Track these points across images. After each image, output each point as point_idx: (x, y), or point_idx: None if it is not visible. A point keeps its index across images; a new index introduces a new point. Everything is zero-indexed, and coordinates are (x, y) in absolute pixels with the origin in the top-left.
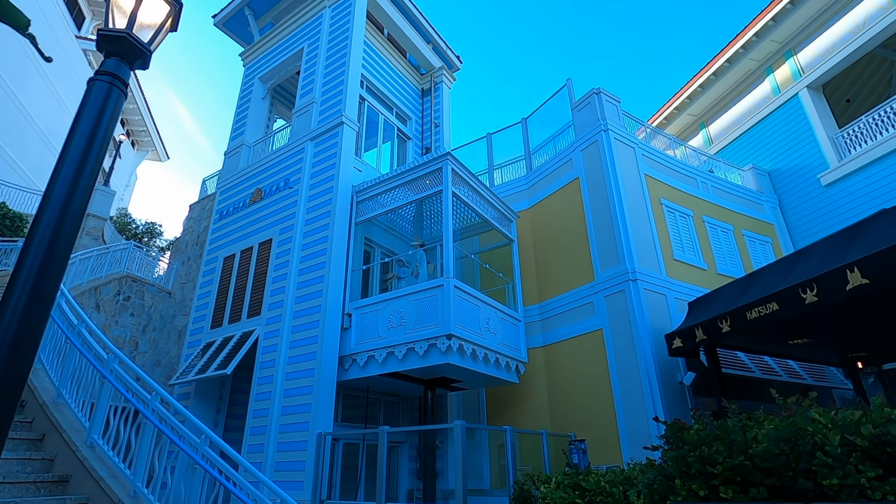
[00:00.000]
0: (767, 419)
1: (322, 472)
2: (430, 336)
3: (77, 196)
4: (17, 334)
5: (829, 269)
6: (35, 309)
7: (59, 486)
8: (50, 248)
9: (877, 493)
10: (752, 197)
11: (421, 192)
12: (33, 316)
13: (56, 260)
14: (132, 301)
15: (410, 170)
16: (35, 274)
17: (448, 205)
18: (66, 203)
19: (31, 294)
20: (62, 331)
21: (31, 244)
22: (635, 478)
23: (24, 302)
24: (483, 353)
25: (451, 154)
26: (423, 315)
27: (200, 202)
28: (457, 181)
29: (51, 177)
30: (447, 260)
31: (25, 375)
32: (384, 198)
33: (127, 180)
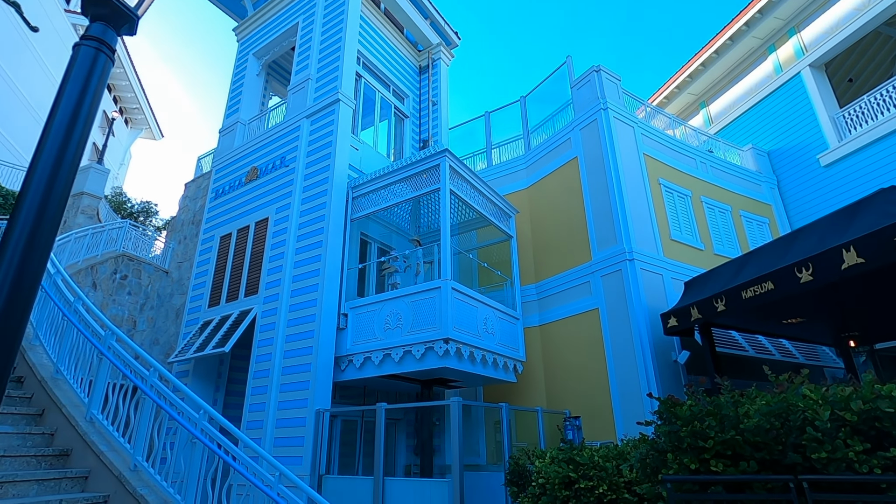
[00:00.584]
0: (760, 395)
1: (320, 447)
2: (427, 339)
3: (65, 165)
4: (6, 308)
5: (825, 248)
6: (24, 280)
7: (60, 459)
8: (38, 217)
9: (864, 466)
10: (750, 177)
11: (418, 189)
12: (22, 289)
13: (44, 231)
14: (129, 280)
15: (407, 166)
16: (23, 245)
17: (445, 204)
18: (53, 172)
19: (18, 266)
20: (59, 308)
21: (18, 215)
22: (628, 452)
23: (13, 274)
24: (481, 355)
25: (448, 151)
26: (420, 317)
27: (196, 181)
28: (454, 177)
29: (37, 145)
30: (444, 261)
31: (15, 349)
32: (380, 194)
33: (121, 159)
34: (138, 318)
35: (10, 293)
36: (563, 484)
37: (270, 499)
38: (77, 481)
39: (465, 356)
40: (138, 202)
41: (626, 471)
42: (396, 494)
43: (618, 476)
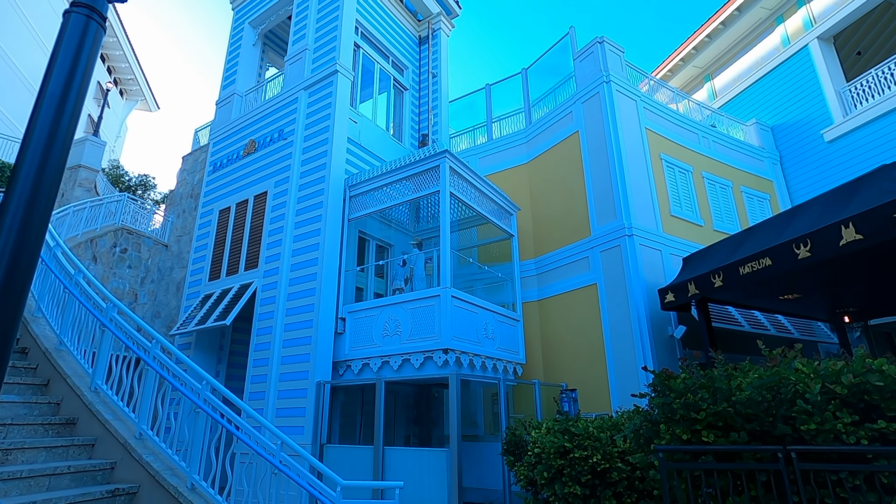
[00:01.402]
0: (753, 369)
1: (321, 418)
2: (426, 349)
3: (59, 135)
4: (6, 279)
5: (824, 224)
6: (23, 251)
7: (67, 427)
8: (34, 188)
9: (851, 437)
10: (752, 153)
11: (417, 190)
12: (21, 260)
13: (42, 201)
14: (129, 253)
15: (406, 167)
16: (21, 215)
17: (445, 208)
18: (48, 142)
19: (17, 237)
20: (60, 280)
21: (14, 186)
22: (622, 424)
23: (11, 245)
24: (480, 362)
25: (448, 152)
26: (418, 325)
27: (193, 154)
28: (454, 178)
29: (31, 115)
30: (444, 268)
31: (17, 319)
32: (377, 194)
33: (117, 131)
34: (139, 291)
35: (9, 264)
36: (559, 453)
37: (273, 466)
38: (84, 448)
39: (464, 364)
40: (136, 176)
41: (620, 441)
42: (396, 463)
43: (612, 446)
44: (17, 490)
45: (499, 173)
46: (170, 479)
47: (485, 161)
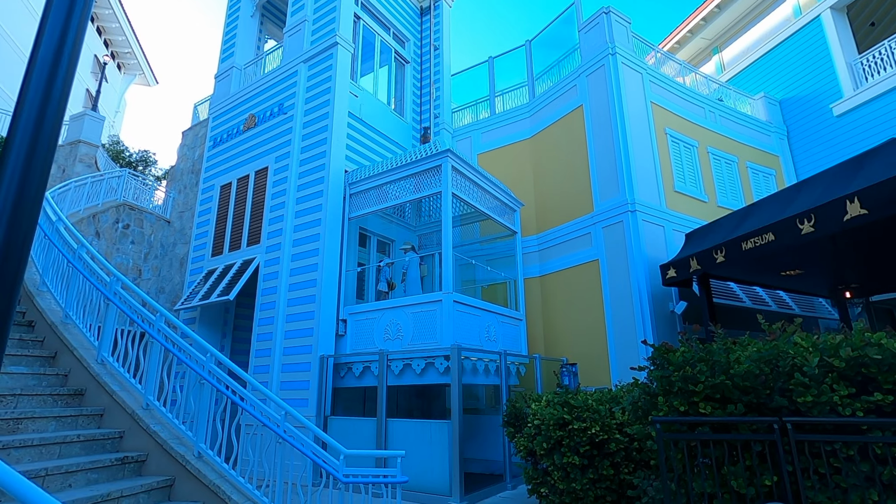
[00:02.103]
0: (752, 343)
1: (325, 391)
2: (428, 354)
3: (53, 101)
4: (5, 245)
5: (828, 199)
6: (19, 218)
7: (75, 398)
8: (28, 156)
9: (847, 409)
10: (759, 127)
11: (419, 190)
12: (18, 227)
13: (37, 168)
14: (132, 229)
15: (406, 165)
16: (17, 181)
17: (448, 210)
18: (42, 106)
19: (14, 200)
20: (63, 254)
21: (8, 154)
22: (621, 397)
23: (9, 212)
24: (483, 365)
25: (451, 151)
26: (420, 330)
27: (193, 129)
28: (457, 177)
29: (23, 81)
30: (446, 272)
31: (16, 291)
32: (378, 192)
33: (116, 106)
34: (143, 266)
35: (7, 231)
36: (558, 425)
37: (278, 435)
38: (92, 418)
39: (467, 369)
40: (136, 151)
41: (619, 413)
42: (398, 434)
43: (610, 418)
44: (29, 457)
45: (501, 149)
46: (177, 447)
47: (487, 136)
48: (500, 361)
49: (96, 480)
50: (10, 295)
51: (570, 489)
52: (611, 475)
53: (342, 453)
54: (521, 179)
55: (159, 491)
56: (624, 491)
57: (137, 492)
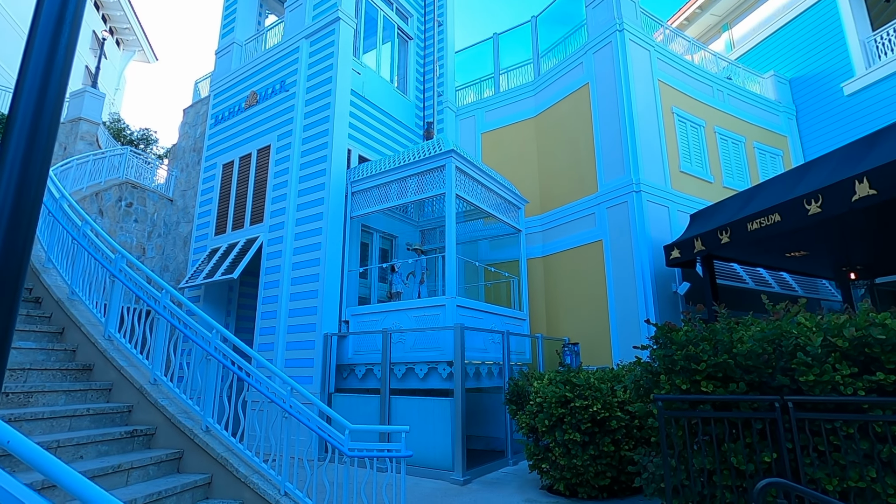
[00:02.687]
0: (755, 322)
1: (329, 368)
2: (430, 360)
3: (55, 72)
4: (10, 226)
5: (837, 179)
6: (26, 190)
7: (84, 373)
8: (32, 131)
9: (849, 388)
10: (768, 107)
11: (421, 191)
12: (24, 200)
13: (41, 143)
14: (135, 207)
15: (409, 164)
16: (21, 157)
17: (451, 212)
18: (44, 80)
19: (19, 179)
20: (67, 231)
21: (11, 129)
22: (623, 375)
23: (13, 190)
24: (486, 369)
25: (454, 151)
26: (423, 334)
27: (194, 106)
28: (460, 177)
29: (24, 53)
30: (450, 276)
31: (24, 267)
32: (379, 191)
33: (116, 83)
34: (147, 245)
35: (12, 209)
36: (560, 403)
37: (283, 410)
38: (101, 393)
39: (469, 375)
40: (137, 130)
41: (620, 392)
42: (402, 411)
43: (612, 396)
44: (40, 429)
45: (505, 128)
46: (185, 421)
47: (491, 115)
48: (503, 365)
49: (107, 452)
50: (19, 270)
51: (571, 465)
52: (611, 451)
53: (347, 428)
54: (525, 159)
55: (168, 463)
56: (624, 467)
57: (147, 464)
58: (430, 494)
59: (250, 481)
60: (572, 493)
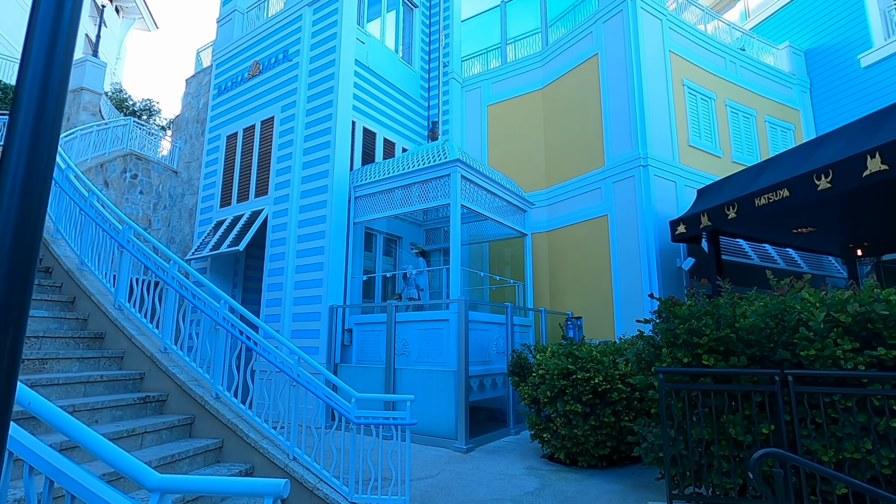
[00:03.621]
0: (759, 298)
1: (335, 340)
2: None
3: (61, 38)
4: (22, 200)
5: (849, 154)
6: (36, 164)
7: (96, 341)
8: (40, 100)
9: (849, 363)
10: (781, 79)
11: (425, 199)
12: (36, 174)
13: (49, 113)
14: (140, 179)
15: (414, 172)
16: (31, 128)
17: (456, 222)
18: (50, 46)
19: (29, 151)
20: (74, 202)
21: (19, 100)
22: (625, 349)
23: (24, 163)
24: (490, 381)
25: (460, 161)
26: (427, 347)
27: (196, 76)
28: (466, 185)
29: (29, 20)
30: (454, 286)
31: (39, 232)
32: (382, 197)
33: (117, 52)
34: (152, 217)
35: (24, 181)
36: (562, 375)
37: (291, 379)
38: (113, 360)
39: (473, 388)
40: (140, 100)
41: (622, 364)
42: (406, 381)
43: (613, 369)
44: (56, 395)
45: (512, 99)
46: (196, 389)
47: (497, 87)
48: (507, 374)
49: (121, 417)
50: (33, 237)
51: (572, 435)
52: (612, 422)
53: (353, 396)
54: (532, 132)
55: (180, 428)
56: (623, 437)
57: (160, 428)
58: (434, 461)
59: (260, 446)
60: (572, 461)
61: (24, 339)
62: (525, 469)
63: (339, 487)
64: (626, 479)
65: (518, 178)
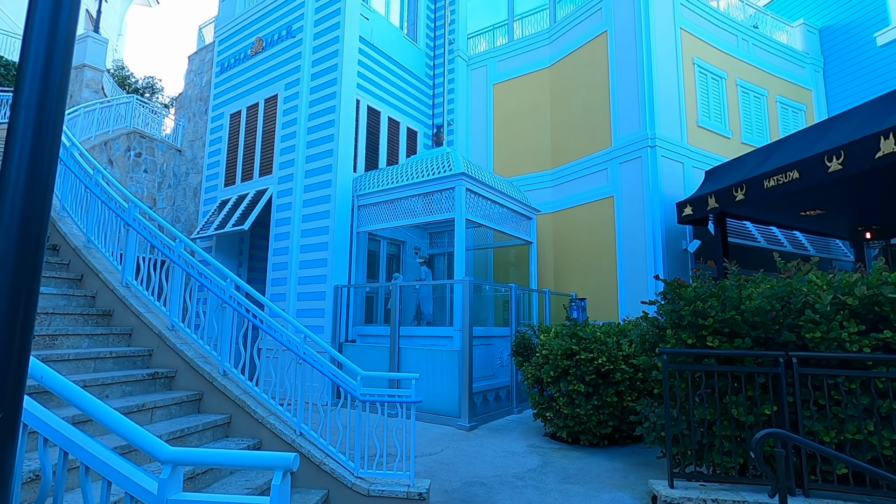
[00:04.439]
0: (765, 280)
1: (340, 318)
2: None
3: (63, 15)
4: (29, 183)
5: (862, 135)
6: (42, 141)
7: (104, 318)
8: (45, 75)
9: (854, 345)
10: (794, 58)
11: (429, 211)
12: (42, 153)
13: (53, 89)
14: (144, 158)
15: (418, 183)
16: (35, 103)
17: (461, 236)
18: (52, 23)
19: (35, 126)
20: (80, 180)
21: (23, 75)
22: (629, 330)
23: (30, 139)
24: (494, 395)
25: (465, 174)
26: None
27: (199, 53)
28: (471, 198)
29: None
30: (457, 306)
31: (46, 220)
32: (386, 207)
33: (118, 29)
34: (157, 196)
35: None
36: (566, 355)
37: (297, 356)
38: (122, 337)
39: (477, 404)
40: (142, 78)
41: (626, 345)
42: (410, 360)
43: (617, 350)
44: (66, 370)
45: (518, 78)
46: (203, 365)
47: (504, 65)
48: (510, 386)
49: (131, 393)
50: (42, 213)
51: (575, 414)
52: (614, 402)
53: (359, 374)
54: (538, 111)
55: (189, 404)
56: (626, 417)
57: (170, 403)
58: (438, 438)
59: (267, 422)
60: (574, 440)
61: (35, 313)
62: (527, 447)
63: (346, 462)
64: (628, 457)
65: (523, 159)
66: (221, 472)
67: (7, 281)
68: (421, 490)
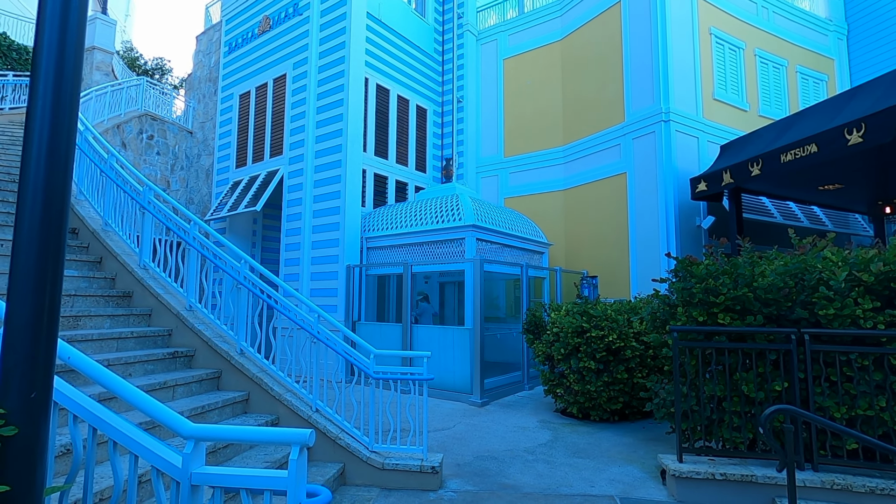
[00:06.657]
0: (779, 257)
1: (353, 298)
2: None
3: None
4: (49, 169)
5: (884, 107)
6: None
7: (124, 300)
8: (59, 58)
9: (868, 322)
10: (817, 25)
11: (438, 260)
12: (60, 136)
13: (68, 72)
14: (156, 140)
15: (428, 231)
16: (52, 86)
17: (470, 286)
18: (64, 7)
19: (52, 110)
20: (95, 164)
21: (39, 60)
22: (640, 308)
23: (48, 124)
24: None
25: (475, 225)
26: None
27: (207, 33)
28: (482, 246)
29: None
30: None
31: (67, 203)
32: (393, 250)
33: (126, 10)
34: (170, 178)
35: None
36: (576, 332)
37: (311, 336)
38: (142, 318)
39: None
40: (151, 59)
41: (637, 323)
42: (423, 339)
43: (628, 327)
44: (90, 350)
45: (529, 52)
46: (221, 345)
47: (514, 38)
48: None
49: (152, 371)
50: (63, 197)
51: (585, 390)
52: (624, 379)
53: (372, 352)
54: (549, 86)
55: (209, 381)
56: (636, 393)
57: (190, 381)
58: (451, 414)
59: (284, 399)
60: (585, 415)
61: (60, 298)
62: (538, 422)
63: (360, 438)
64: (637, 432)
65: (535, 136)
66: (241, 447)
67: (32, 265)
68: (434, 464)
